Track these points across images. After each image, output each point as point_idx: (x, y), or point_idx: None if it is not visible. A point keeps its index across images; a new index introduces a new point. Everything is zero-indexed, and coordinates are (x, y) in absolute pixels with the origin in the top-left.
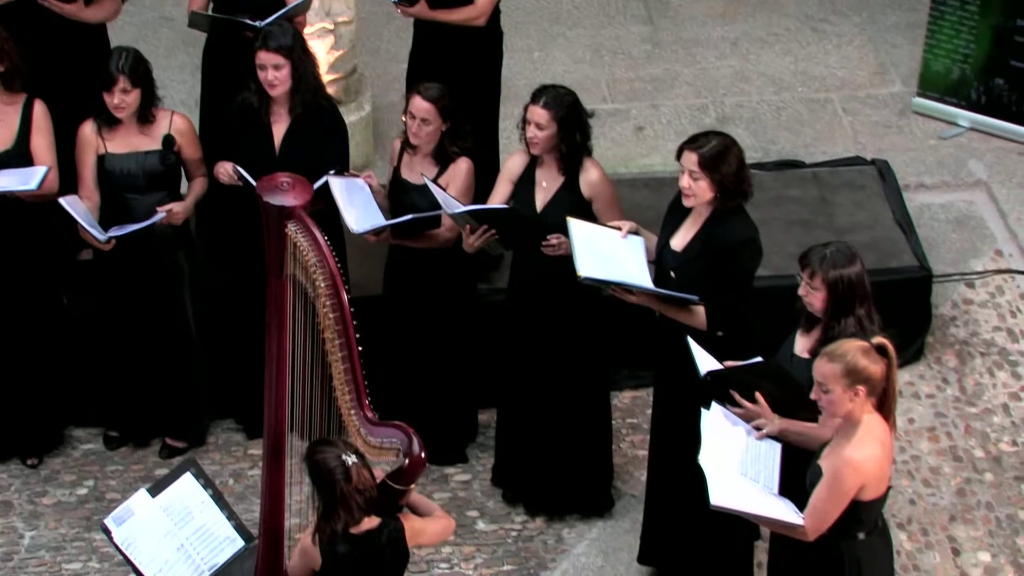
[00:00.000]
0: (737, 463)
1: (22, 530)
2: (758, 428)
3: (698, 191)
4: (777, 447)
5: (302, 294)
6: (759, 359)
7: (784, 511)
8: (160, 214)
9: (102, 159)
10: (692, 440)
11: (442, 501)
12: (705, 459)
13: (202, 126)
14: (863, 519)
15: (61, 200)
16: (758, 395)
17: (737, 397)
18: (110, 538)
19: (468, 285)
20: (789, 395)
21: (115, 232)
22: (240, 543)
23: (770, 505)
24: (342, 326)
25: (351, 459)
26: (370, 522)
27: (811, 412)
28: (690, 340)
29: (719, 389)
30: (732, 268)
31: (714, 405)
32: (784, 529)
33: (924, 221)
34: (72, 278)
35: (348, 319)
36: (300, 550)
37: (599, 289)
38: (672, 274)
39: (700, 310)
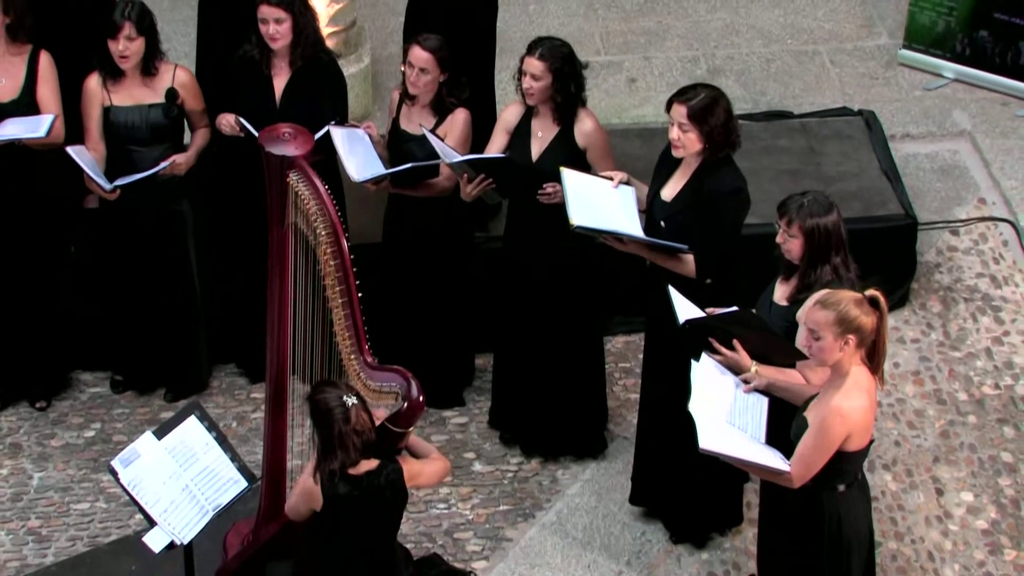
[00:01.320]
0: (725, 413)
1: (31, 471)
2: (746, 381)
3: (687, 143)
4: (764, 400)
5: (303, 242)
6: (735, 308)
7: (771, 458)
8: (164, 164)
9: (107, 111)
10: (682, 385)
11: (440, 443)
12: (694, 407)
13: (198, 77)
14: (845, 470)
15: (68, 149)
16: (736, 342)
17: (715, 344)
18: (117, 479)
19: (465, 233)
20: (765, 342)
21: (120, 182)
22: (243, 484)
23: (757, 451)
24: (342, 273)
25: (351, 401)
26: (369, 464)
27: (787, 358)
28: (671, 288)
29: (697, 337)
30: (720, 217)
31: (704, 357)
32: (770, 475)
33: (909, 170)
34: (78, 226)
35: (348, 266)
36: (301, 490)
37: (592, 237)
38: (662, 223)
39: (689, 258)
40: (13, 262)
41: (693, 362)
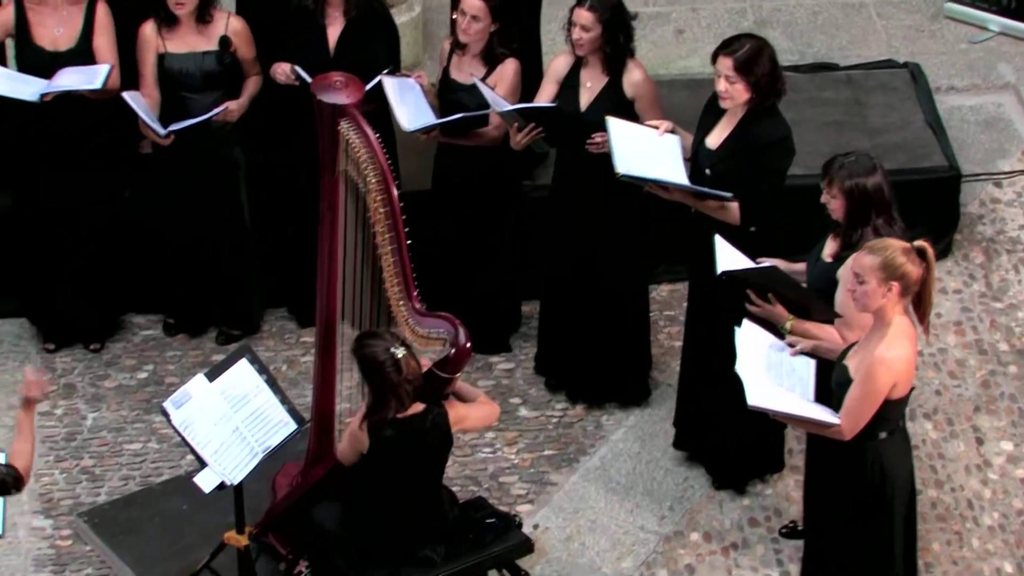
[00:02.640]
0: (772, 375)
1: (85, 412)
2: (791, 345)
3: (735, 93)
4: (811, 363)
5: (354, 189)
6: (767, 263)
7: (819, 412)
8: (217, 109)
9: (162, 58)
10: (724, 332)
11: (486, 388)
12: (741, 368)
13: None
14: (887, 418)
15: (124, 94)
16: (772, 296)
17: (753, 295)
18: (169, 420)
19: (513, 181)
20: (800, 298)
21: (175, 127)
22: (293, 426)
23: (805, 406)
24: (392, 220)
25: (399, 351)
26: (415, 408)
27: (822, 316)
28: (717, 237)
29: (735, 288)
30: (765, 165)
31: (746, 322)
32: (819, 429)
33: (954, 123)
34: (133, 171)
35: (397, 213)
36: (349, 434)
37: (638, 186)
38: (707, 171)
39: (733, 206)
40: (68, 207)
41: (737, 327)
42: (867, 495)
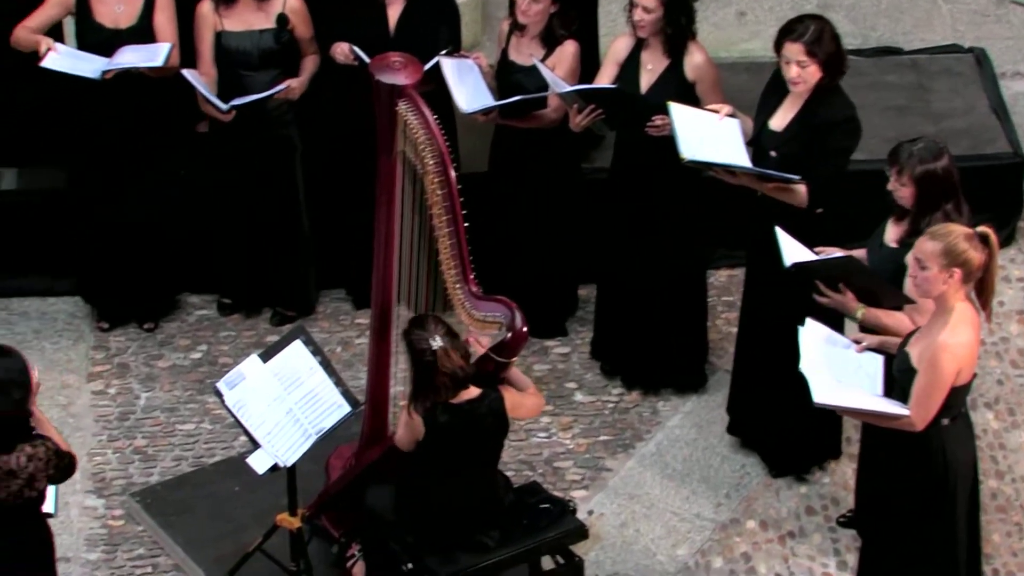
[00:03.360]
0: (838, 372)
1: (138, 391)
2: (857, 342)
3: (807, 77)
4: (879, 358)
5: (411, 171)
6: (840, 254)
7: (887, 404)
8: (279, 87)
9: (219, 36)
10: (781, 318)
11: (542, 373)
12: (805, 366)
13: None
14: (949, 404)
15: (184, 72)
16: (842, 286)
17: (822, 287)
18: (222, 401)
19: (571, 163)
20: (871, 287)
21: (236, 102)
22: (347, 409)
23: (872, 400)
24: (449, 202)
25: (437, 343)
26: (470, 392)
27: (893, 302)
28: (778, 230)
29: (804, 279)
30: (833, 144)
31: (809, 320)
32: (889, 421)
33: (1019, 108)
34: (189, 150)
35: (455, 196)
36: (404, 423)
37: (699, 169)
38: (773, 153)
39: (801, 188)
40: (124, 185)
41: (800, 328)
42: (930, 483)
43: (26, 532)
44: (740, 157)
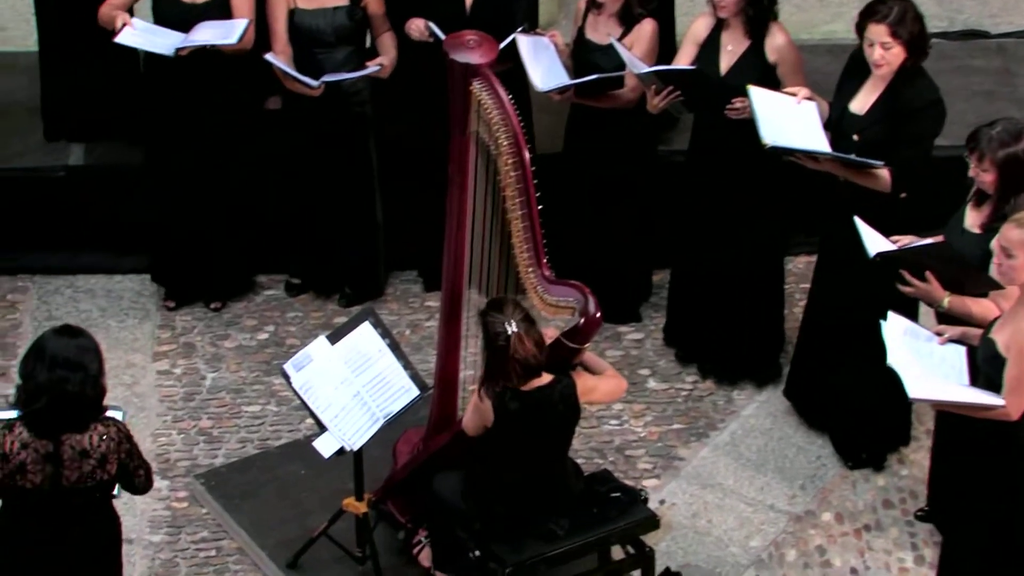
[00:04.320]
0: (924, 366)
1: (204, 371)
2: (939, 334)
3: (891, 59)
4: (961, 350)
5: (484, 152)
6: (926, 240)
7: (982, 395)
8: (374, 67)
9: (292, 14)
10: (851, 306)
11: (615, 359)
12: (893, 360)
13: None
14: None
15: (267, 56)
16: (928, 273)
17: (907, 276)
18: (289, 383)
19: (648, 145)
20: (958, 272)
21: (328, 78)
22: (415, 392)
23: (965, 392)
24: (523, 184)
25: (512, 328)
26: (541, 379)
27: (980, 288)
28: (857, 220)
29: (889, 268)
30: (919, 128)
31: (891, 314)
32: (984, 412)
33: None
34: (260, 128)
35: (529, 177)
36: (473, 407)
37: (778, 154)
38: (855, 137)
39: (884, 173)
40: (196, 163)
41: (882, 321)
42: (1016, 475)
43: (97, 516)
44: (820, 142)
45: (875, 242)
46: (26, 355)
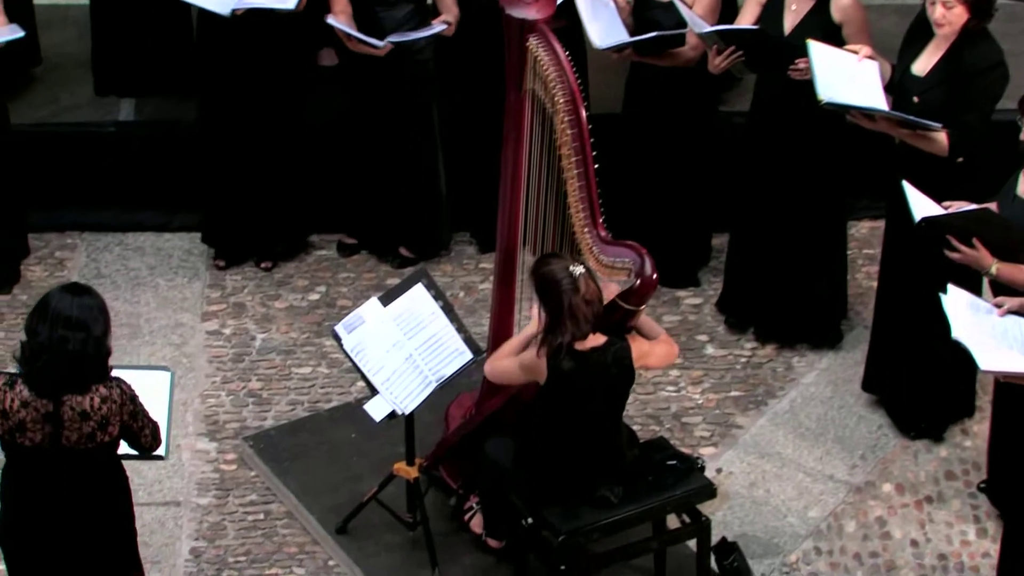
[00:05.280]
0: (989, 338)
1: (254, 332)
2: (998, 306)
3: (953, 18)
4: (1022, 320)
5: (540, 110)
6: (974, 206)
7: None
8: (440, 26)
9: None
10: (919, 274)
11: (672, 324)
12: (959, 333)
13: None
14: None
15: (329, 19)
16: (975, 240)
17: (954, 242)
18: (340, 344)
19: (709, 106)
20: (1006, 239)
21: (394, 38)
22: (468, 356)
23: None
24: (579, 143)
25: (579, 270)
26: (596, 339)
27: None
28: (905, 184)
29: (935, 234)
30: (980, 91)
31: (951, 287)
32: None
33: None
34: (313, 85)
35: (586, 136)
36: (529, 360)
37: (841, 115)
38: (915, 99)
39: (941, 136)
40: (250, 121)
41: (942, 294)
42: None
43: (101, 478)
44: (878, 101)
45: (922, 207)
46: (31, 311)
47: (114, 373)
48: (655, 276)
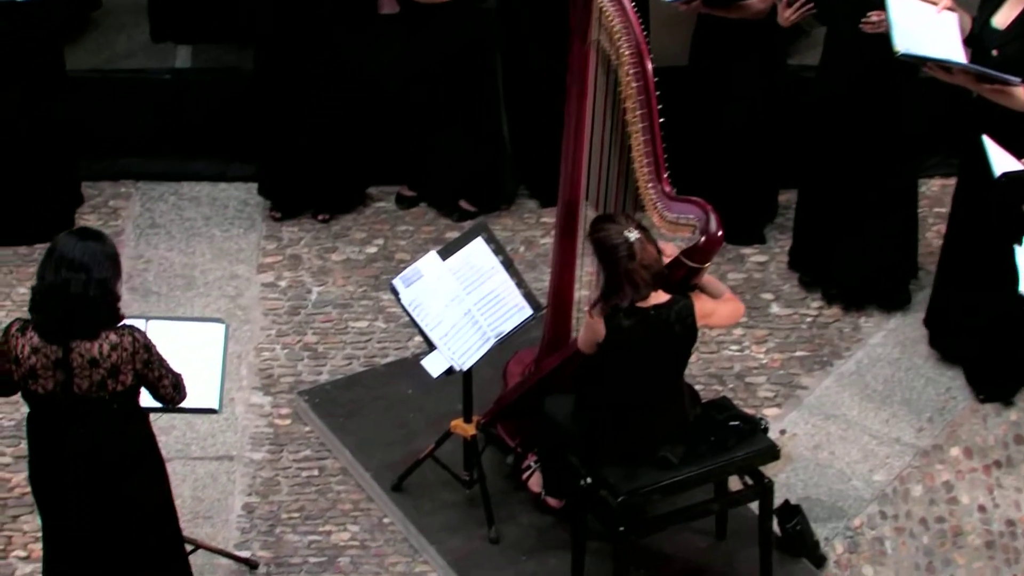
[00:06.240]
0: None
1: (310, 285)
2: None
3: None
4: None
5: (605, 61)
6: None
7: None
8: None
9: None
10: (990, 231)
11: (736, 282)
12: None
13: None
14: None
15: None
16: None
17: None
18: (397, 298)
19: (778, 60)
20: None
21: None
22: (528, 311)
23: None
24: (644, 96)
25: (634, 235)
26: (659, 297)
27: None
28: (985, 139)
29: (1015, 190)
30: None
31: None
32: None
33: None
34: (373, 33)
35: (651, 89)
36: (586, 325)
37: (916, 69)
38: (994, 52)
39: (1020, 91)
40: (309, 71)
41: (1017, 247)
42: None
43: (119, 427)
44: (956, 53)
45: (1003, 162)
46: (43, 257)
47: (168, 324)
48: (720, 233)
